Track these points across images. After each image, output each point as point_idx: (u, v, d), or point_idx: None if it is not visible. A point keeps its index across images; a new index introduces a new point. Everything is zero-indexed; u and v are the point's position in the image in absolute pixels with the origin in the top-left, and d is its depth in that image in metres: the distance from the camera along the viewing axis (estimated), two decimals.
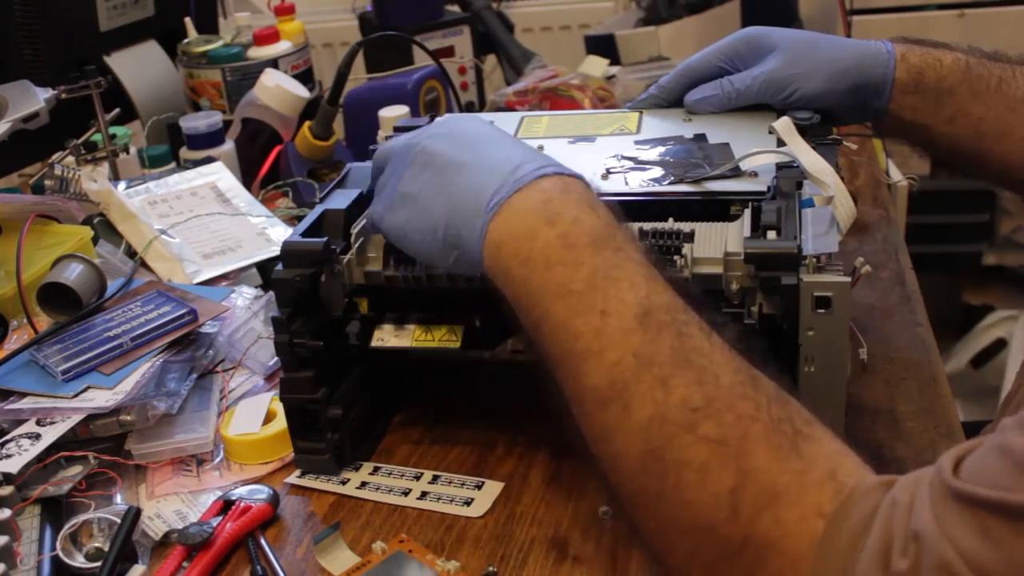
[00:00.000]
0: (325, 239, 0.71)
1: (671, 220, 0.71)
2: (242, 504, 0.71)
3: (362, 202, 0.76)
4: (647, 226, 0.70)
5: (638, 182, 0.77)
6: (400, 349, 0.74)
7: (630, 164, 0.80)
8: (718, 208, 0.73)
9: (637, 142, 0.84)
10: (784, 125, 0.76)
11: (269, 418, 0.80)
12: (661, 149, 0.82)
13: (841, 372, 0.64)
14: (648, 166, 0.79)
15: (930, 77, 0.81)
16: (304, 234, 0.72)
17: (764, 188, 0.72)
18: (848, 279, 0.62)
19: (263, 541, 0.69)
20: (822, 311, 0.62)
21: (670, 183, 0.76)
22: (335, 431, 0.75)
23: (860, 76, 0.81)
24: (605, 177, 0.78)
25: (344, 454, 0.76)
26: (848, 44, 0.83)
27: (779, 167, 0.73)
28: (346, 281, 0.73)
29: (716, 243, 0.68)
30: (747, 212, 0.70)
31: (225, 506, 0.72)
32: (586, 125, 0.89)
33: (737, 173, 0.75)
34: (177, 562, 0.67)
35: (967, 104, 0.80)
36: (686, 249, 0.68)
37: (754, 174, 0.75)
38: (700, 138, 0.83)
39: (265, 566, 0.67)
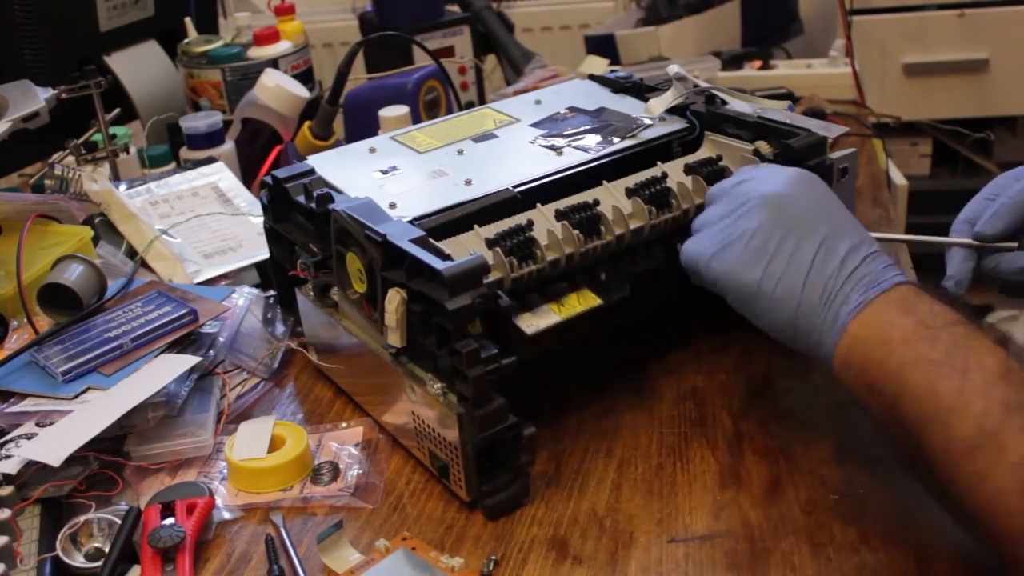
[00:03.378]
0: (479, 254, 0.66)
1: (658, 163, 0.81)
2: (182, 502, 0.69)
3: None
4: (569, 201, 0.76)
5: (594, 146, 0.84)
6: (557, 325, 0.70)
7: (564, 141, 0.86)
8: (663, 151, 0.85)
9: (533, 125, 0.90)
10: (675, 71, 0.89)
11: (275, 444, 0.76)
12: (575, 123, 0.89)
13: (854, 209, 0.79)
14: (582, 135, 0.87)
15: None
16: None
17: (685, 124, 0.87)
18: (854, 149, 0.80)
19: (284, 534, 0.68)
20: (845, 178, 0.80)
21: (620, 140, 0.85)
22: (529, 452, 0.69)
23: None
24: (560, 154, 0.83)
25: (531, 475, 0.70)
26: None
27: (685, 107, 0.88)
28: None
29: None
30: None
31: (163, 509, 0.69)
32: (465, 126, 0.91)
33: (656, 120, 0.88)
34: (158, 568, 0.64)
35: None
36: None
37: (663, 119, 0.88)
38: (599, 110, 0.92)
39: (283, 566, 0.66)
